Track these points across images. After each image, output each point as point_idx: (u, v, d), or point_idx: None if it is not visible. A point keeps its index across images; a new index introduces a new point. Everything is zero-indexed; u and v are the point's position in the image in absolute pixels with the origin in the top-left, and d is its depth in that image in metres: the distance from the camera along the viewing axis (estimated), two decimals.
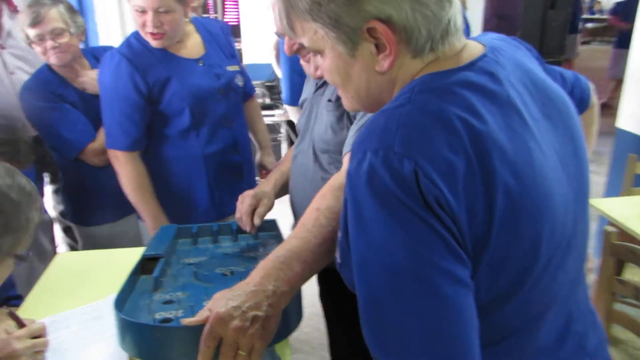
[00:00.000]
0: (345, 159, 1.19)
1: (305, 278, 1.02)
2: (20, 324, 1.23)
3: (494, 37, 0.88)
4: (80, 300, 1.41)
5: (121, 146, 1.83)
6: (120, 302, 1.12)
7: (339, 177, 1.11)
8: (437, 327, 0.67)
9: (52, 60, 1.92)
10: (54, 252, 1.98)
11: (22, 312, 1.38)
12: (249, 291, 0.95)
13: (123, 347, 1.05)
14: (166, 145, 1.89)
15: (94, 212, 2.10)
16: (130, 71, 1.77)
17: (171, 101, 1.82)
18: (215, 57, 1.92)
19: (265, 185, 1.50)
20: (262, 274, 0.98)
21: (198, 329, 0.93)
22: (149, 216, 1.88)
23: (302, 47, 1.29)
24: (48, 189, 2.20)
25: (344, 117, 1.29)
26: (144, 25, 1.74)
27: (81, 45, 2.04)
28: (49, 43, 1.88)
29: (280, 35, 1.31)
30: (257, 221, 1.41)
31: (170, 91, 1.81)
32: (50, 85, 1.96)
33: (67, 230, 2.26)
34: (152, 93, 1.80)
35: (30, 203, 1.00)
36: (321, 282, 1.58)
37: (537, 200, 0.73)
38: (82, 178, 2.04)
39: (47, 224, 2.01)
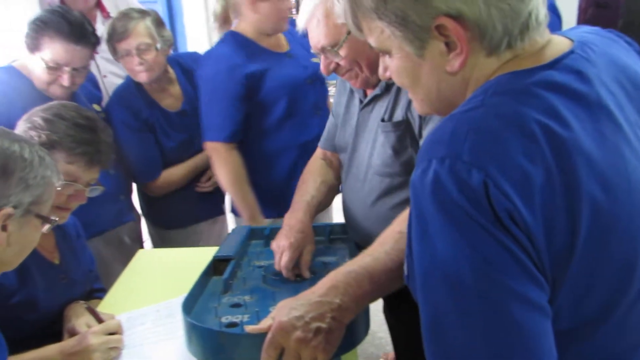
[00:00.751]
0: None
1: (373, 298, 0.98)
2: (98, 319, 1.28)
3: (585, 31, 0.78)
4: (157, 297, 1.45)
5: (221, 138, 1.86)
6: (189, 304, 1.14)
7: None
8: (506, 355, 0.60)
9: (138, 78, 1.91)
10: (138, 248, 2.07)
11: (102, 306, 1.44)
12: (314, 301, 0.92)
13: (189, 350, 1.06)
14: (262, 137, 1.92)
15: (166, 215, 2.15)
16: (230, 65, 1.81)
17: (268, 92, 1.85)
18: (298, 51, 1.94)
19: (299, 226, 1.33)
20: (329, 285, 0.95)
21: (262, 336, 0.92)
22: (245, 209, 1.91)
23: (338, 65, 1.24)
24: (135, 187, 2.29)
25: (406, 136, 1.21)
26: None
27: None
28: (135, 60, 1.85)
29: (317, 53, 1.25)
30: (306, 274, 1.29)
31: (267, 82, 1.84)
32: (135, 106, 1.96)
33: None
34: (251, 85, 1.84)
35: (43, 162, 1.04)
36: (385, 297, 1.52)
37: (631, 216, 0.64)
38: None
39: (132, 221, 2.09)
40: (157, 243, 2.20)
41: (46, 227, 1.08)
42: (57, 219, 1.11)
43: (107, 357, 1.21)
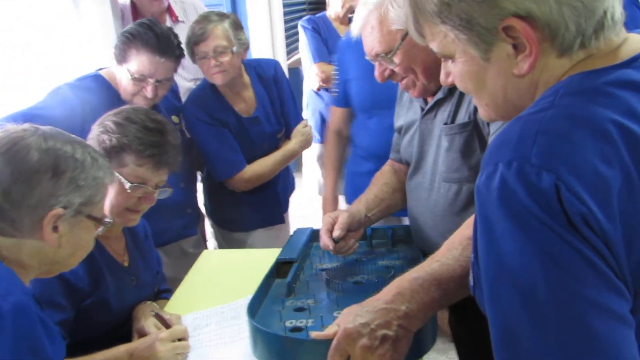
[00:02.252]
0: None
1: (441, 305, 0.95)
2: (165, 324, 1.31)
3: None
4: (222, 298, 1.47)
5: None
6: (254, 307, 1.14)
7: None
8: None
9: (213, 79, 1.92)
10: (203, 248, 2.11)
11: (169, 306, 1.47)
12: (379, 308, 0.91)
13: (254, 353, 1.06)
14: None
15: (230, 217, 2.18)
16: None
17: None
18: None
19: (355, 205, 1.40)
20: (395, 292, 0.93)
21: (327, 343, 0.91)
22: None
23: (393, 72, 1.20)
24: (199, 187, 2.33)
25: (473, 138, 1.16)
26: None
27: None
28: (212, 62, 1.86)
29: (371, 60, 1.23)
30: (336, 233, 1.29)
31: None
32: (210, 107, 1.98)
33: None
34: None
35: (95, 164, 1.04)
36: (451, 307, 1.47)
37: None
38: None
39: (196, 235, 2.13)
40: (221, 244, 2.24)
41: (100, 229, 1.08)
42: (110, 220, 1.13)
43: None
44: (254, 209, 2.15)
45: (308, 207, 3.25)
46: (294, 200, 2.30)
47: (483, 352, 1.33)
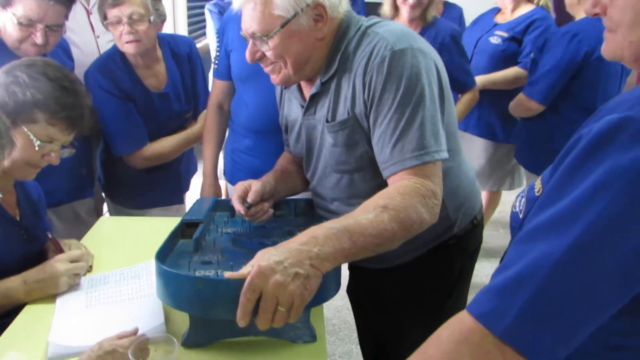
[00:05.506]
0: (398, 177, 1.14)
1: (348, 257, 1.01)
2: (59, 249, 1.35)
3: None
4: (119, 264, 1.45)
5: None
6: (161, 255, 1.14)
7: (413, 188, 1.10)
8: None
9: (125, 48, 1.82)
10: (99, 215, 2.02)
11: None
12: (294, 249, 0.96)
13: (163, 300, 1.06)
14: None
15: (126, 194, 2.11)
16: None
17: None
18: None
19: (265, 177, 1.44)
20: (310, 235, 0.99)
21: (240, 282, 0.93)
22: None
23: (263, 56, 1.22)
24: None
25: (356, 131, 1.22)
26: None
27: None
28: (125, 28, 1.76)
29: (246, 37, 1.23)
30: (251, 197, 1.33)
31: None
32: (117, 78, 1.88)
33: None
34: None
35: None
36: (352, 277, 1.57)
37: None
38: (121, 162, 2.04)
39: (91, 197, 2.04)
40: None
41: None
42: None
43: (72, 283, 1.28)
44: (153, 187, 2.09)
45: None
46: (195, 182, 2.28)
47: (381, 313, 1.44)
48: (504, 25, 2.69)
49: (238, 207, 1.34)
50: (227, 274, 0.98)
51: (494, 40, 2.68)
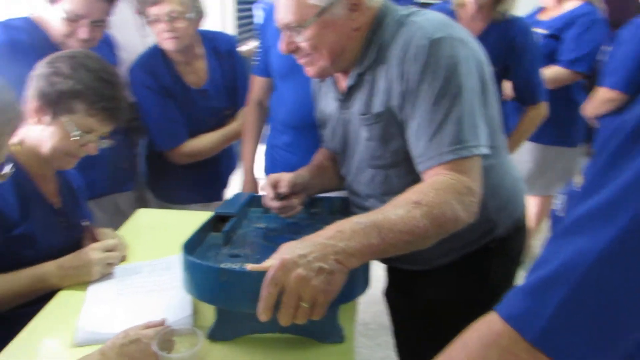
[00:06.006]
0: (433, 172, 1.09)
1: (376, 254, 0.96)
2: (94, 238, 1.37)
3: None
4: (153, 255, 1.45)
5: None
6: (189, 246, 1.13)
7: (448, 183, 1.05)
8: None
9: (165, 45, 1.86)
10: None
11: None
12: (318, 243, 0.92)
13: (188, 290, 1.05)
14: None
15: (169, 188, 2.13)
16: None
17: None
18: None
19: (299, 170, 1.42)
20: (335, 230, 0.95)
21: (263, 275, 0.90)
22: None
23: (298, 47, 1.17)
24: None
25: (391, 125, 1.17)
26: None
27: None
28: (164, 25, 1.80)
29: (281, 28, 1.20)
30: (282, 189, 1.31)
31: None
32: (157, 74, 1.92)
33: None
34: None
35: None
36: (388, 278, 1.52)
37: None
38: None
39: (131, 191, 2.08)
40: None
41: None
42: (11, 170, 1.05)
43: (105, 272, 1.31)
44: (193, 184, 2.11)
45: None
46: (235, 179, 2.29)
47: (418, 317, 1.38)
48: (544, 22, 2.54)
49: (270, 194, 1.32)
50: (249, 266, 0.95)
51: None
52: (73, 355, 1.05)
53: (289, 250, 0.92)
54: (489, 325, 0.62)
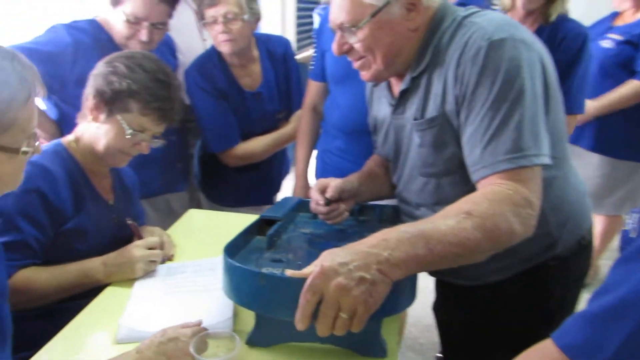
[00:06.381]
0: (488, 182, 1.02)
1: (422, 266, 0.91)
2: (139, 236, 1.40)
3: None
4: (200, 255, 1.45)
5: None
6: (231, 249, 1.11)
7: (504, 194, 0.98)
8: None
9: (221, 47, 1.86)
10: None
11: None
12: (361, 251, 0.88)
13: (227, 294, 1.03)
14: None
15: (221, 190, 2.15)
16: None
17: None
18: None
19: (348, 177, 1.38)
20: (380, 238, 0.90)
21: (302, 282, 0.87)
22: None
23: (352, 48, 1.13)
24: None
25: (445, 131, 1.11)
26: None
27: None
28: (220, 27, 1.81)
29: (335, 28, 1.16)
30: (329, 193, 1.28)
31: None
32: (213, 76, 1.93)
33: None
34: None
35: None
36: (438, 293, 1.45)
37: None
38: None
39: (184, 191, 2.11)
40: None
41: (26, 156, 0.90)
42: (30, 149, 0.91)
43: (148, 269, 1.32)
44: (245, 187, 2.12)
45: None
46: (288, 184, 2.28)
47: (468, 335, 1.31)
48: (620, 27, 2.38)
49: (317, 198, 1.29)
50: (289, 272, 0.92)
51: (605, 43, 2.36)
52: (115, 352, 1.05)
53: (329, 257, 0.88)
54: (542, 354, 0.56)
